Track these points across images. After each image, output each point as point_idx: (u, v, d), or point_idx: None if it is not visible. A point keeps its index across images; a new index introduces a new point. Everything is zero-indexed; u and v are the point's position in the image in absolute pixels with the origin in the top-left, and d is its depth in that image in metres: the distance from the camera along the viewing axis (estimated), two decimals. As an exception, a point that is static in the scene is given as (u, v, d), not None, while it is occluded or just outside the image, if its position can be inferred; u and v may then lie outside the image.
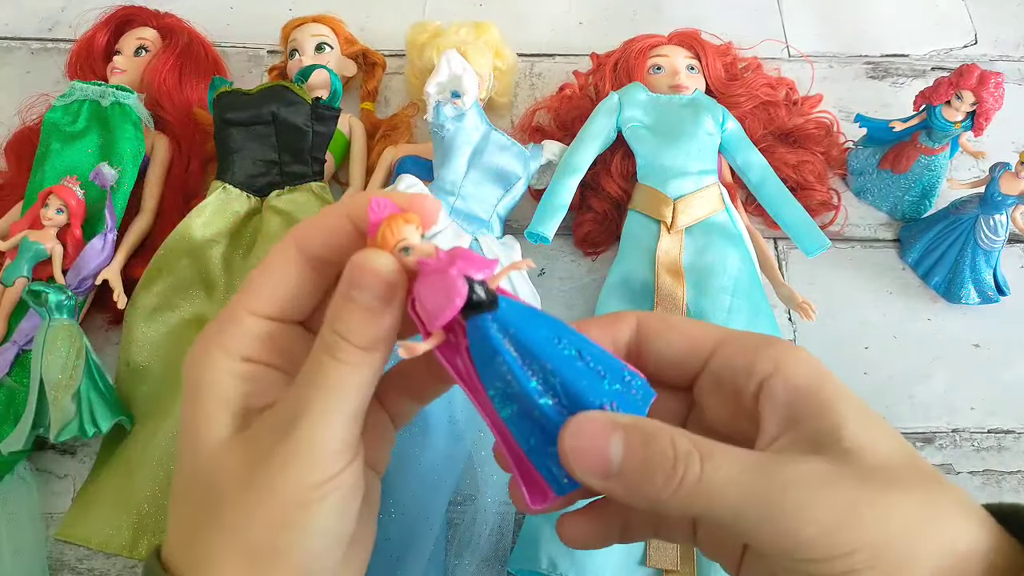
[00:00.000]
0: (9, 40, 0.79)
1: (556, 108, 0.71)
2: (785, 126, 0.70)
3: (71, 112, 0.64)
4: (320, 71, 0.66)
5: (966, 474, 0.59)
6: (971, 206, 0.63)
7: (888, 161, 0.67)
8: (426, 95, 0.60)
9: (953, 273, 0.64)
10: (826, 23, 0.82)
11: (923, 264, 0.66)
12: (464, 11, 0.80)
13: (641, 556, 0.51)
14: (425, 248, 0.22)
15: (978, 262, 0.63)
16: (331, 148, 0.67)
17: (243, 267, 0.62)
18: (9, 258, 0.58)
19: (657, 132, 0.64)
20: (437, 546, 0.52)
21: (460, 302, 0.21)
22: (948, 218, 0.64)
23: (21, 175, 0.65)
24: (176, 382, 0.57)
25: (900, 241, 0.69)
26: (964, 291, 0.64)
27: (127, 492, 0.52)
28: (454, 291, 0.21)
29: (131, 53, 0.69)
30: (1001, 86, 0.60)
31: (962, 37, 0.81)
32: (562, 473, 0.23)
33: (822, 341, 0.63)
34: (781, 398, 0.23)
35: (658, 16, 0.81)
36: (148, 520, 0.52)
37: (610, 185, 0.65)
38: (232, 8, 0.81)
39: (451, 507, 0.55)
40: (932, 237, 0.65)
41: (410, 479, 0.53)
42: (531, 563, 0.50)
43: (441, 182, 0.61)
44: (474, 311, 0.22)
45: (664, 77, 0.67)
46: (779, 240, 0.68)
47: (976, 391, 0.60)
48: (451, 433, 0.55)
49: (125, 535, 0.51)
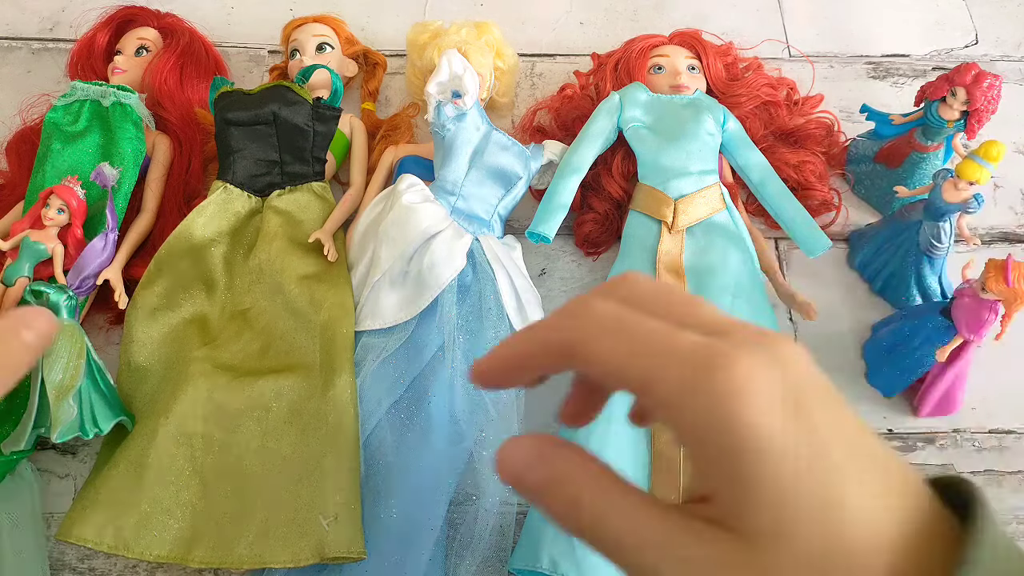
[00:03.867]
0: (9, 40, 0.79)
1: (557, 108, 0.71)
2: (786, 126, 0.70)
3: (72, 112, 0.64)
4: (321, 71, 0.66)
5: (966, 474, 0.59)
6: (917, 212, 0.61)
7: (883, 155, 0.67)
8: (427, 95, 0.60)
9: (897, 279, 0.63)
10: (827, 23, 0.82)
11: (868, 269, 0.66)
12: (465, 11, 0.80)
13: (642, 556, 0.51)
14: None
15: (923, 269, 0.62)
16: (332, 148, 0.67)
17: (244, 267, 0.62)
18: (10, 258, 0.58)
19: (658, 132, 0.64)
20: (437, 546, 0.52)
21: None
22: (895, 223, 0.63)
23: (22, 175, 0.65)
24: (176, 381, 0.57)
25: (849, 245, 0.68)
26: (908, 296, 0.63)
27: (128, 492, 0.52)
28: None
29: (132, 53, 0.69)
30: (995, 88, 0.60)
31: (963, 37, 0.81)
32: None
33: (822, 341, 0.63)
34: (692, 454, 0.19)
35: (659, 16, 0.81)
36: (149, 520, 0.52)
37: (611, 185, 0.65)
38: (233, 8, 0.81)
39: (452, 507, 0.55)
40: (880, 242, 0.64)
41: (410, 479, 0.53)
42: (532, 563, 0.49)
43: (442, 182, 0.61)
44: None
45: (665, 77, 0.67)
46: (780, 240, 0.68)
47: (976, 391, 0.60)
48: (452, 433, 0.55)
49: (126, 535, 0.51)
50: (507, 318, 0.58)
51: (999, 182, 0.72)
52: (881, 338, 0.61)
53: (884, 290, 0.65)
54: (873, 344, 0.62)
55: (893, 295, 0.64)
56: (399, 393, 0.56)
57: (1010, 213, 0.71)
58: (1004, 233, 0.70)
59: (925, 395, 0.59)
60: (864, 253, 0.66)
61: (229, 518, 0.51)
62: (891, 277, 0.64)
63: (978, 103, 0.60)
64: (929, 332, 0.57)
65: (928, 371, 0.58)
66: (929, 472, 0.59)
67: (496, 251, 0.60)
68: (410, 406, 0.56)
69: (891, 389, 0.61)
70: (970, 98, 0.60)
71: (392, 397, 0.56)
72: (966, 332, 0.55)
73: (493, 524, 0.53)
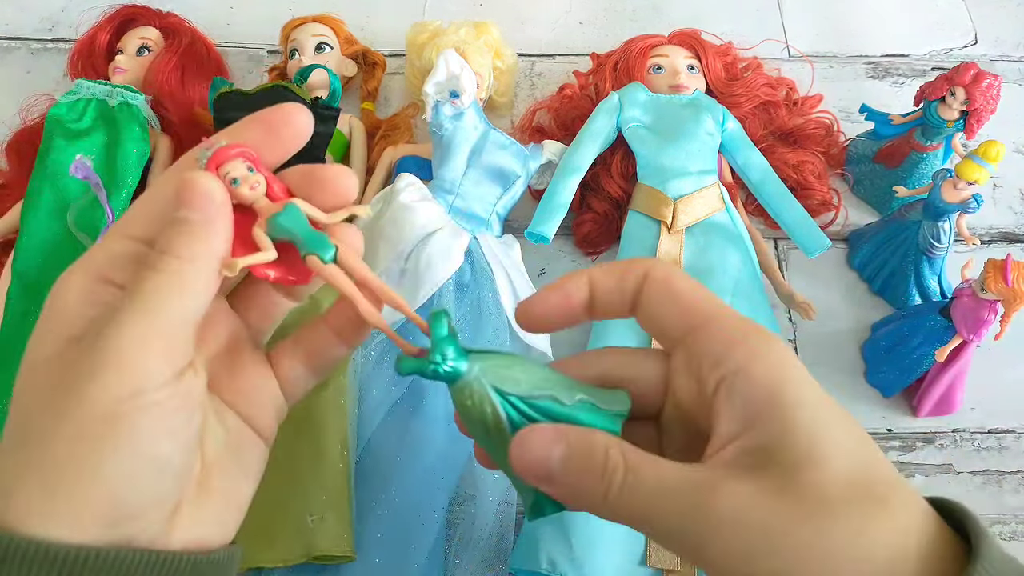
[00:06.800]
0: (9, 40, 0.79)
1: (556, 108, 0.71)
2: (785, 126, 0.70)
3: (76, 109, 0.64)
4: (319, 71, 0.66)
5: (966, 474, 0.59)
6: (916, 212, 0.61)
7: (883, 155, 0.67)
8: (424, 95, 0.61)
9: (897, 279, 0.63)
10: (826, 23, 0.82)
11: (868, 269, 0.66)
12: (464, 11, 0.80)
13: (641, 556, 0.51)
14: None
15: (922, 268, 0.62)
16: (331, 148, 0.67)
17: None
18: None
19: (657, 132, 0.64)
20: (437, 546, 0.52)
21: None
22: (894, 223, 0.63)
23: (22, 175, 0.65)
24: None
25: (848, 245, 0.68)
26: (908, 296, 0.63)
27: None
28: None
29: (134, 52, 0.69)
30: (994, 88, 0.60)
31: (962, 37, 0.81)
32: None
33: (822, 341, 0.63)
34: (739, 399, 0.22)
35: (658, 16, 0.81)
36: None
37: (610, 185, 0.65)
38: (232, 8, 0.81)
39: (451, 507, 0.55)
40: (879, 242, 0.64)
41: (410, 479, 0.53)
42: (531, 563, 0.49)
43: (440, 181, 0.62)
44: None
45: (664, 77, 0.67)
46: (779, 240, 0.68)
47: (976, 391, 0.60)
48: (451, 433, 0.55)
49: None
50: (506, 317, 0.58)
51: (998, 182, 0.72)
52: (880, 338, 0.61)
53: (883, 290, 0.65)
54: (872, 344, 0.62)
55: (892, 295, 0.64)
56: (398, 393, 0.56)
57: (1009, 213, 0.70)
58: (1003, 233, 0.70)
59: (924, 395, 0.59)
60: (863, 253, 0.66)
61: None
62: (890, 277, 0.64)
63: (977, 103, 0.60)
64: (928, 332, 0.57)
65: (927, 371, 0.58)
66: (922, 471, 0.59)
67: (495, 250, 0.60)
68: (409, 406, 0.56)
69: (890, 389, 0.61)
70: (969, 98, 0.60)
71: (391, 397, 0.56)
72: (965, 332, 0.55)
73: (492, 524, 0.53)
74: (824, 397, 0.22)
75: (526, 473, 0.23)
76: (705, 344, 0.24)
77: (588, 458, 0.23)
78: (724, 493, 0.21)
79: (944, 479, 0.59)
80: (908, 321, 0.59)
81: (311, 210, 0.25)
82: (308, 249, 0.24)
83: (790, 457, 0.21)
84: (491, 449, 0.25)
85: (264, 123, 0.25)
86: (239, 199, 0.24)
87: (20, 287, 0.59)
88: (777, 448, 0.21)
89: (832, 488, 0.20)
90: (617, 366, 0.26)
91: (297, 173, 0.26)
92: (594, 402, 0.25)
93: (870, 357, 0.62)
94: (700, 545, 0.21)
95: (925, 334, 0.57)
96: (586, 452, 0.23)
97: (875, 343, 0.62)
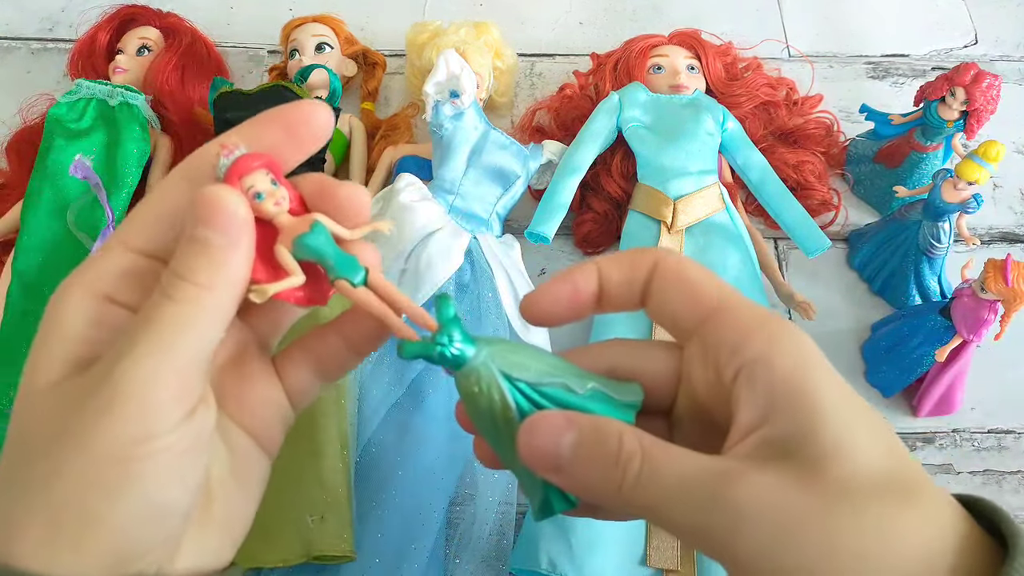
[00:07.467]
0: (9, 40, 0.79)
1: (556, 108, 0.71)
2: (785, 126, 0.70)
3: (76, 109, 0.64)
4: (319, 71, 0.66)
5: (966, 474, 0.59)
6: (916, 212, 0.61)
7: (883, 155, 0.67)
8: (424, 95, 0.61)
9: (897, 279, 0.63)
10: (826, 23, 0.82)
11: (868, 268, 0.66)
12: (464, 11, 0.80)
13: (641, 556, 0.51)
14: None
15: (922, 268, 0.62)
16: (331, 148, 0.67)
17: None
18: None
19: (657, 132, 0.64)
20: (437, 546, 0.52)
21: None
22: (894, 223, 0.63)
23: (22, 175, 0.65)
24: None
25: (848, 245, 0.68)
26: (908, 296, 0.63)
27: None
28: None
29: (134, 52, 0.69)
30: (994, 88, 0.60)
31: (962, 37, 0.81)
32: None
33: (821, 341, 0.63)
34: (760, 387, 0.21)
35: (658, 16, 0.81)
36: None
37: (610, 185, 0.65)
38: (232, 8, 0.81)
39: (451, 507, 0.55)
40: (879, 242, 0.64)
41: (410, 478, 0.53)
42: (531, 563, 0.49)
43: (440, 181, 0.62)
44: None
45: (664, 77, 0.67)
46: (779, 240, 0.68)
47: (976, 391, 0.60)
48: (451, 432, 0.55)
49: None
50: (506, 317, 0.58)
51: (998, 182, 0.72)
52: (880, 338, 0.61)
53: (883, 290, 0.65)
54: (872, 344, 0.62)
55: (892, 295, 0.64)
56: (398, 393, 0.56)
57: (1009, 213, 0.70)
58: (1003, 233, 0.70)
59: (924, 395, 0.59)
60: (863, 253, 0.66)
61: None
62: (890, 277, 0.64)
63: (977, 103, 0.60)
64: (928, 332, 0.57)
65: (927, 371, 0.58)
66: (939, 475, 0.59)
67: (495, 250, 0.60)
68: (409, 406, 0.56)
69: (890, 389, 0.61)
70: (969, 98, 0.60)
71: (391, 397, 0.56)
72: (965, 332, 0.55)
73: (492, 524, 0.53)
74: (848, 388, 0.22)
75: (535, 461, 0.22)
76: (721, 332, 0.23)
77: (601, 445, 0.21)
78: (746, 483, 0.20)
79: (944, 479, 0.59)
80: (908, 321, 0.59)
81: (334, 226, 0.23)
82: (339, 274, 0.22)
83: (816, 449, 0.20)
84: (497, 442, 0.23)
85: (283, 122, 0.23)
86: (262, 215, 0.22)
87: (20, 287, 0.59)
88: (801, 439, 0.20)
89: (860, 481, 0.20)
90: (626, 358, 0.25)
91: (310, 183, 0.24)
92: (607, 392, 0.24)
93: (870, 357, 0.62)
94: (721, 538, 0.20)
95: (925, 334, 0.57)
96: (599, 439, 0.22)
97: (875, 343, 0.62)
